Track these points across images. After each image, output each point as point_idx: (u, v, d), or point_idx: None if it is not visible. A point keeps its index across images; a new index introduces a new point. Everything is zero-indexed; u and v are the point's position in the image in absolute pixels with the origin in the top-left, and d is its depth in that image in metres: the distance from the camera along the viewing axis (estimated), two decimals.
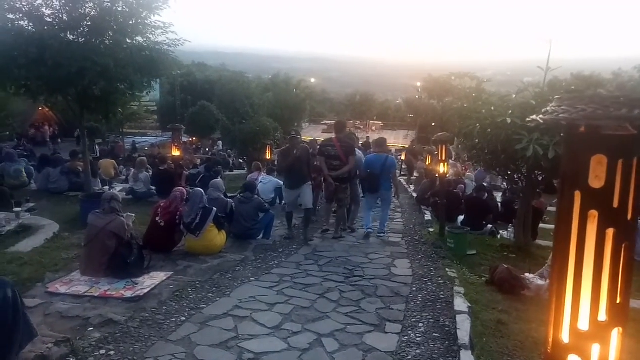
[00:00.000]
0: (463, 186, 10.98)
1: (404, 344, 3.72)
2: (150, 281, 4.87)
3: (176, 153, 12.18)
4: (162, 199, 6.82)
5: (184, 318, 4.05)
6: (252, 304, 4.44)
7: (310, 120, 42.51)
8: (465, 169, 16.06)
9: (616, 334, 1.31)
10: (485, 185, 11.19)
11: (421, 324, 4.10)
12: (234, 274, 5.34)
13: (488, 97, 7.22)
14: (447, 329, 3.95)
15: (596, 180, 1.24)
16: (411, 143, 22.53)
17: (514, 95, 6.77)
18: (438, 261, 6.14)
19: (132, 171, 11.25)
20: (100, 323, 3.80)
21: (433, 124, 38.19)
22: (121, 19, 8.34)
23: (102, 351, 3.37)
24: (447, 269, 5.66)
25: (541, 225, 8.63)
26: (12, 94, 9.18)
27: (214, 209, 6.11)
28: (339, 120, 9.58)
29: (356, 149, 7.93)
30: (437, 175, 8.53)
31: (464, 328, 3.75)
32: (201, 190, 6.40)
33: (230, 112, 29.10)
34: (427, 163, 14.15)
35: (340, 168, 7.16)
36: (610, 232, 1.25)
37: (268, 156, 15.75)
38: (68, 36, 8.28)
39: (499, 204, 9.91)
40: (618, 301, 1.29)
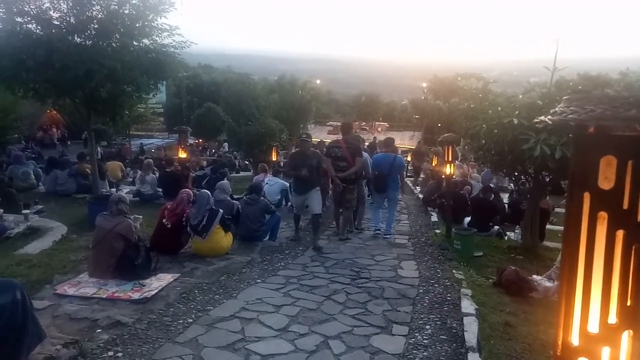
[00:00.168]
0: (469, 187, 10.93)
1: (411, 346, 3.70)
2: (157, 283, 4.89)
3: (182, 155, 12.23)
4: (169, 201, 6.84)
5: (191, 320, 4.07)
6: (259, 306, 4.45)
7: (315, 121, 42.51)
8: (470, 169, 15.97)
9: (627, 337, 1.30)
10: (491, 186, 11.12)
11: (428, 326, 4.09)
12: (241, 276, 5.35)
13: (494, 98, 7.19)
14: (455, 331, 3.93)
15: (606, 181, 1.23)
16: (418, 144, 22.42)
17: (521, 95, 6.74)
18: (445, 263, 6.12)
19: (139, 173, 11.30)
20: (108, 325, 3.82)
21: (439, 125, 38.01)
22: (128, 22, 8.39)
23: (110, 353, 3.39)
24: (454, 271, 5.64)
25: (548, 226, 8.57)
26: (21, 97, 9.24)
27: (221, 211, 6.13)
28: (345, 121, 9.61)
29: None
30: (444, 176, 8.50)
31: (472, 330, 3.74)
32: (208, 192, 6.42)
33: (236, 114, 29.17)
34: (433, 164, 14.11)
35: (346, 169, 7.15)
36: (620, 234, 1.24)
37: (274, 158, 15.76)
38: (75, 39, 8.33)
39: (506, 205, 9.85)
40: (628, 303, 1.28)
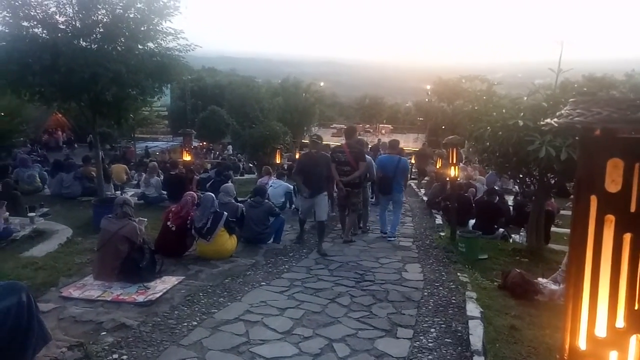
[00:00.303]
0: (474, 189, 10.90)
1: (416, 350, 3.69)
2: (162, 285, 4.90)
3: (187, 158, 12.26)
4: (173, 204, 6.86)
5: (196, 322, 4.07)
6: (263, 309, 4.44)
7: (319, 124, 42.52)
8: (472, 171, 15.92)
9: (634, 341, 1.28)
10: (496, 188, 11.08)
11: (433, 329, 4.07)
12: (245, 279, 5.35)
13: (499, 100, 7.16)
14: (460, 335, 3.91)
15: (612, 184, 1.22)
16: (423, 146, 22.38)
17: (525, 97, 6.72)
18: (449, 265, 6.10)
19: (144, 176, 11.34)
20: (113, 327, 3.83)
21: (443, 127, 37.94)
22: (133, 26, 8.45)
23: (115, 355, 3.40)
24: (459, 274, 5.62)
25: (553, 229, 8.53)
26: (27, 101, 9.32)
27: (225, 214, 6.14)
28: (349, 126, 9.63)
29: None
30: (448, 178, 8.48)
31: (477, 333, 3.72)
32: (212, 194, 6.43)
33: (240, 117, 29.26)
34: (438, 166, 14.08)
35: (350, 173, 7.16)
36: (627, 237, 1.23)
37: (278, 160, 15.77)
38: (81, 43, 8.41)
39: (511, 207, 9.81)
40: (636, 307, 1.27)
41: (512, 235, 8.77)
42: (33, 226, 7.26)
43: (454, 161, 7.70)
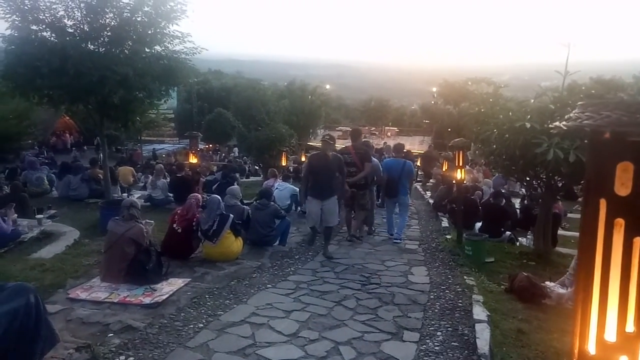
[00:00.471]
0: (480, 192, 10.86)
1: (422, 353, 3.67)
2: (168, 287, 4.91)
3: (193, 160, 12.31)
4: (180, 206, 6.89)
5: (202, 325, 4.07)
6: (269, 311, 4.44)
7: (325, 126, 42.57)
8: (477, 173, 15.86)
9: None
10: (503, 191, 11.03)
11: (439, 333, 4.05)
12: (251, 281, 5.36)
13: (505, 102, 7.15)
14: (466, 338, 3.89)
15: (622, 187, 1.21)
16: (429, 148, 22.32)
17: (532, 99, 6.70)
18: (456, 269, 6.07)
19: (150, 178, 11.40)
20: (120, 329, 3.85)
21: (449, 130, 37.83)
22: (140, 29, 8.51)
23: (122, 357, 3.41)
24: (465, 277, 5.59)
25: (561, 232, 8.48)
26: (35, 103, 9.39)
27: (231, 216, 6.15)
28: (355, 128, 9.66)
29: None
30: (454, 181, 8.46)
31: (484, 337, 3.70)
32: (218, 197, 6.45)
33: (246, 119, 29.34)
34: (444, 169, 14.04)
35: (356, 174, 7.18)
36: (637, 241, 1.22)
37: (284, 163, 15.79)
38: (89, 46, 8.48)
39: (518, 210, 9.76)
40: None
41: (519, 238, 8.73)
42: (41, 228, 7.32)
43: (461, 164, 7.68)
